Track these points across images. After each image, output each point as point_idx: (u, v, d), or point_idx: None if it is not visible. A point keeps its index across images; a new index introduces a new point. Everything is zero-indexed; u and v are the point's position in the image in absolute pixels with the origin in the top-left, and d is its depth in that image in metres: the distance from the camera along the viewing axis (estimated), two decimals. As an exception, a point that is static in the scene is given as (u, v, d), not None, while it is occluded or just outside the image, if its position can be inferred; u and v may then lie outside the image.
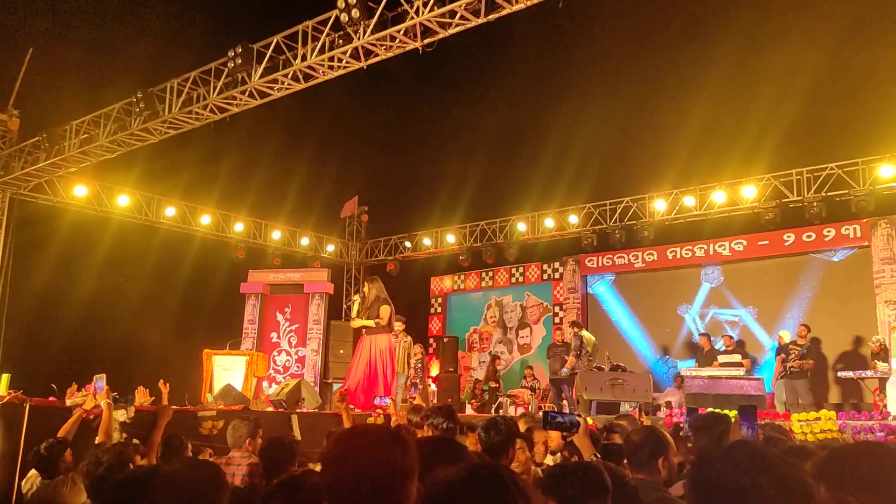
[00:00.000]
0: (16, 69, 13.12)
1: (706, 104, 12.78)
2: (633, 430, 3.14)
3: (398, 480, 1.56)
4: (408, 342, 11.68)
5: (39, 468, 4.08)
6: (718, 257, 14.46)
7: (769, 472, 1.63)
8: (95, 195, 14.30)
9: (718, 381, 8.30)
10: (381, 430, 1.73)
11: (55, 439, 4.21)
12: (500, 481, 1.47)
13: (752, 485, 1.59)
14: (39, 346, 13.28)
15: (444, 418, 4.17)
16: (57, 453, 4.09)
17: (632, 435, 3.06)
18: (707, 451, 1.74)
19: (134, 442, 5.02)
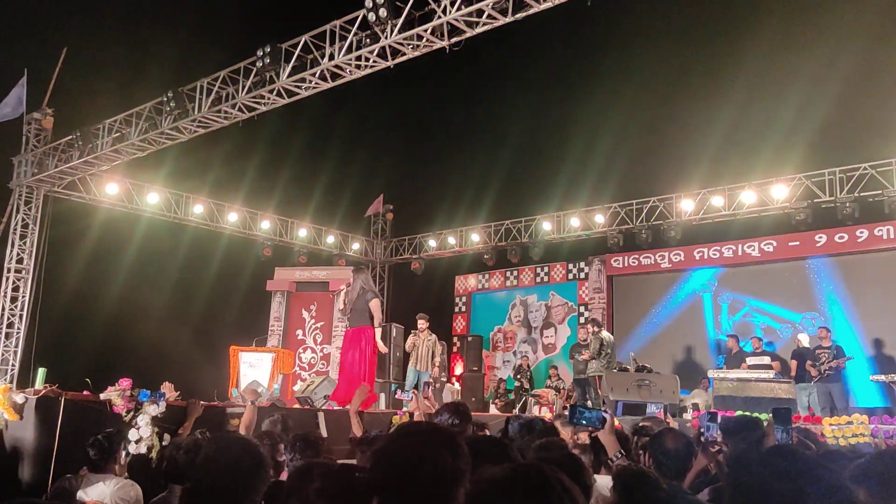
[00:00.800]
0: (50, 69, 13.39)
1: (736, 103, 12.65)
2: (667, 436, 3.11)
3: (446, 484, 1.54)
4: (432, 340, 11.56)
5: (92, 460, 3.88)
6: (747, 258, 14.28)
7: (809, 476, 1.61)
8: (126, 193, 14.52)
9: (748, 384, 8.20)
10: (435, 431, 1.72)
11: (111, 431, 4.09)
12: (545, 481, 1.47)
13: (793, 489, 1.58)
14: (71, 341, 13.52)
15: (451, 415, 4.16)
16: (116, 444, 3.99)
17: (666, 441, 3.04)
18: (745, 456, 1.72)
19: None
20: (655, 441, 3.10)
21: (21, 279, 13.57)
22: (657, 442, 3.07)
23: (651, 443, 3.12)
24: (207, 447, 2.00)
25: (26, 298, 13.50)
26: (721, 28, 13.41)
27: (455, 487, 1.54)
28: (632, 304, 15.91)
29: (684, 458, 2.95)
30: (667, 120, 14.47)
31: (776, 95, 13.16)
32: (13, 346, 13.34)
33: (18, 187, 13.69)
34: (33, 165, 13.56)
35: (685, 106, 13.80)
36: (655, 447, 3.05)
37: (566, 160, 15.18)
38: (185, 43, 13.13)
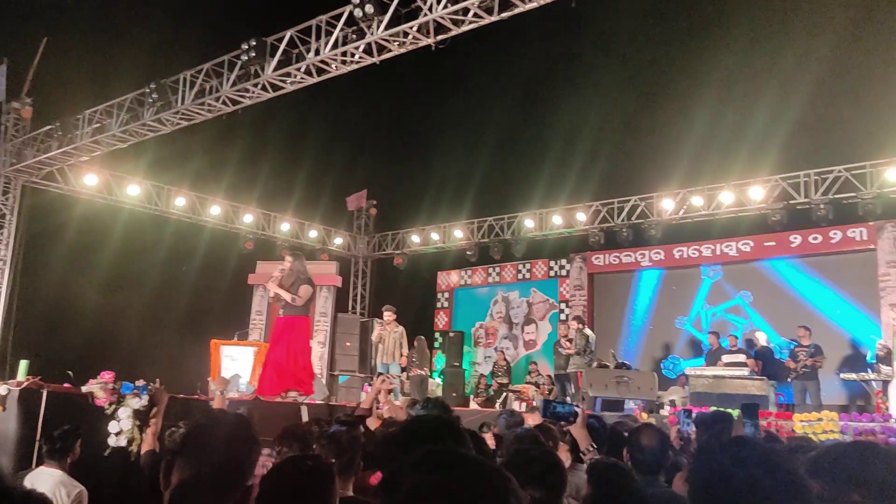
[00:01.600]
0: (30, 58, 13.24)
1: (712, 103, 12.81)
2: (644, 433, 3.20)
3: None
4: (399, 332, 11.35)
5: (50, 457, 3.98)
6: (725, 257, 14.50)
7: (765, 465, 1.70)
8: (106, 184, 14.40)
9: (722, 381, 8.36)
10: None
11: (68, 427, 4.19)
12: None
13: (749, 476, 1.66)
14: (51, 333, 13.41)
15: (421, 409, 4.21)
16: (71, 442, 4.12)
17: (642, 438, 3.13)
18: (707, 446, 1.81)
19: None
20: (632, 438, 3.19)
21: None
22: (633, 439, 3.16)
23: (628, 439, 3.21)
24: (199, 419, 2.01)
25: (4, 290, 13.37)
26: (698, 27, 13.56)
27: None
28: (612, 301, 16.08)
29: (659, 454, 3.04)
30: (647, 119, 14.63)
31: (751, 96, 13.36)
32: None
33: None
34: (11, 155, 13.42)
35: (665, 105, 13.96)
36: (632, 444, 3.13)
37: (548, 158, 15.29)
38: (168, 34, 13.05)
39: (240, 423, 1.87)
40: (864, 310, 12.83)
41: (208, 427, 1.81)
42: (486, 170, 15.87)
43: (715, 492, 1.70)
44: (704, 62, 12.98)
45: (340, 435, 3.05)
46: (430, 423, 2.05)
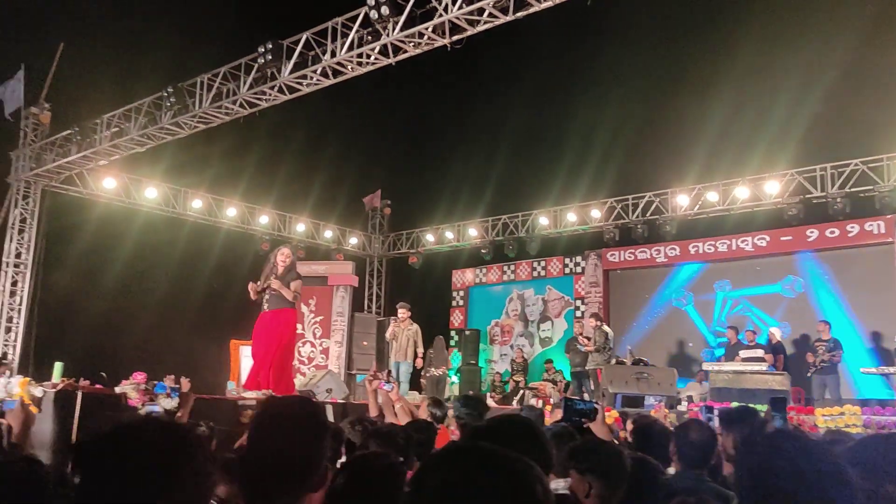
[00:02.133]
0: (47, 63, 13.40)
1: (729, 98, 12.79)
2: (693, 427, 3.25)
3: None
4: (413, 330, 11.22)
5: None
6: (741, 252, 14.47)
7: (808, 456, 1.75)
8: (124, 187, 14.55)
9: (743, 376, 8.37)
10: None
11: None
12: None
13: (794, 468, 1.71)
14: (70, 334, 13.56)
15: (470, 409, 4.25)
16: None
17: (691, 432, 3.17)
18: (751, 439, 1.85)
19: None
20: (680, 432, 3.23)
21: (20, 273, 13.62)
22: (682, 433, 3.20)
23: (676, 433, 3.25)
24: (265, 405, 2.00)
25: (25, 293, 13.55)
26: (714, 23, 13.53)
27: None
28: (628, 298, 16.08)
29: (708, 448, 3.09)
30: (662, 115, 14.61)
31: (769, 91, 13.31)
32: (12, 339, 13.40)
33: (16, 182, 13.72)
34: (31, 160, 13.59)
35: (680, 101, 13.93)
36: (680, 438, 3.17)
37: (563, 156, 15.31)
38: (185, 38, 13.17)
39: (309, 408, 1.88)
40: (882, 303, 12.77)
41: (279, 412, 1.80)
42: (501, 168, 15.92)
43: (760, 483, 1.74)
44: (722, 58, 12.98)
45: (396, 433, 3.10)
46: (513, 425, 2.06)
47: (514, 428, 2.00)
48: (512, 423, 2.05)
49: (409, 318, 11.26)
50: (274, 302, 8.01)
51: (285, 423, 1.74)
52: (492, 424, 2.10)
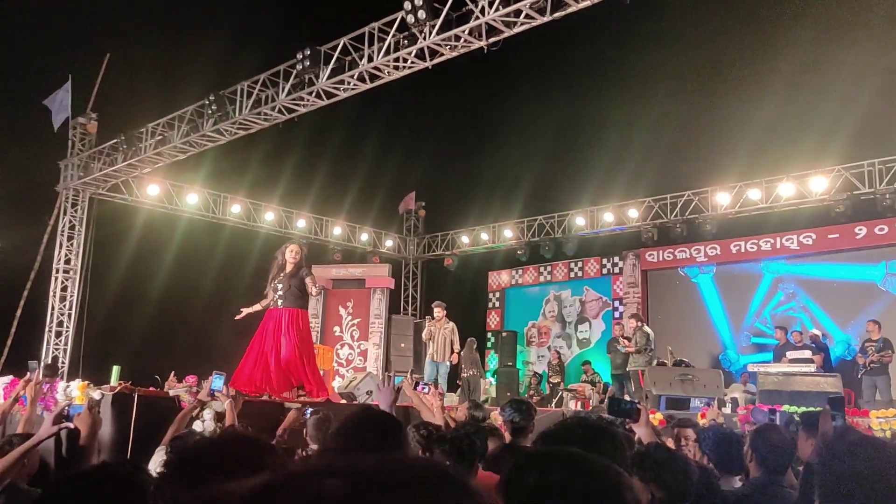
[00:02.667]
0: (94, 74, 13.75)
1: (776, 95, 12.58)
2: (773, 432, 3.22)
3: None
4: (449, 328, 11.00)
5: None
6: (785, 251, 14.23)
7: (890, 461, 1.73)
8: (167, 194, 14.85)
9: (793, 378, 8.22)
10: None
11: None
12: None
13: (877, 474, 1.70)
14: (118, 339, 13.87)
15: (522, 413, 4.24)
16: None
17: (772, 437, 3.14)
18: (834, 446, 1.84)
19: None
20: (760, 436, 3.20)
21: (69, 279, 13.97)
22: (762, 437, 3.17)
23: (755, 437, 3.22)
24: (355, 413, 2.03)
25: (74, 298, 13.89)
26: (762, 20, 13.32)
27: None
28: (667, 298, 15.92)
29: (789, 454, 3.06)
30: (703, 113, 14.43)
31: (818, 87, 13.02)
32: (63, 344, 13.74)
33: (65, 190, 14.08)
34: (79, 169, 13.93)
35: (722, 99, 13.76)
36: (760, 442, 3.14)
37: (599, 155, 15.22)
38: (225, 47, 13.39)
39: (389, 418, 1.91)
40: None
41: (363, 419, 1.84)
42: (536, 168, 15.88)
43: (846, 492, 1.73)
44: (768, 55, 12.79)
45: (461, 440, 3.11)
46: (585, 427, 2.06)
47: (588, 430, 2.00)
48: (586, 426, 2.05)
49: (445, 316, 11.09)
50: (290, 300, 7.59)
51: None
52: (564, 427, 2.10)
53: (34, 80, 13.86)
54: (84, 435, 3.00)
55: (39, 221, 13.97)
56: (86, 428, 3.01)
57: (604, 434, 1.95)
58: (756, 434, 3.29)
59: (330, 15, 12.87)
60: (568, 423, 2.18)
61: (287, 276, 7.66)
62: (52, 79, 13.51)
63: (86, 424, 3.01)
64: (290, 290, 7.59)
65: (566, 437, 1.95)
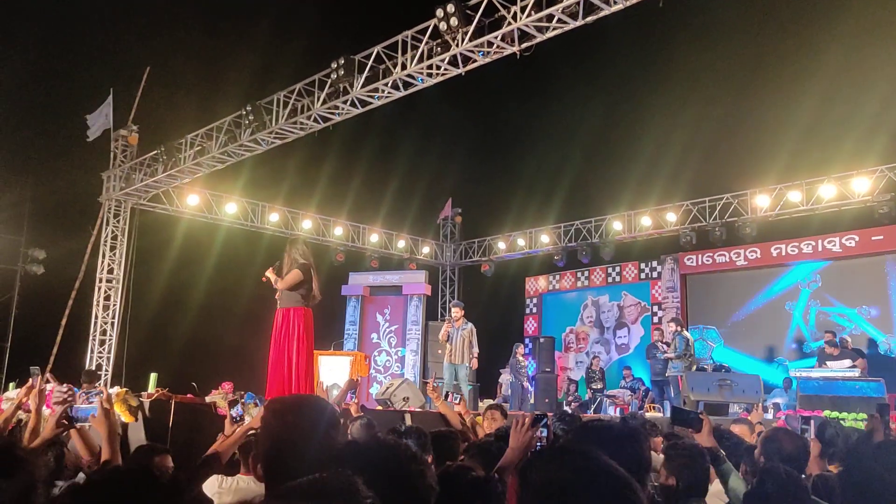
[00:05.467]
0: (134, 87, 14.09)
1: (817, 95, 12.30)
2: (783, 438, 3.15)
3: None
4: (468, 330, 10.57)
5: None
6: (827, 254, 13.89)
7: None
8: (206, 203, 15.11)
9: (835, 383, 8.01)
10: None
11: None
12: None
13: None
14: (160, 346, 14.16)
15: (565, 424, 4.20)
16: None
17: (783, 443, 3.07)
18: (859, 450, 1.79)
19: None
20: (770, 442, 3.12)
21: (112, 288, 14.30)
22: (772, 443, 3.10)
23: (765, 444, 3.15)
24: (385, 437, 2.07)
25: (117, 306, 14.21)
26: (802, 20, 13.05)
27: None
28: (707, 302, 15.66)
29: (801, 459, 2.97)
30: (742, 115, 14.20)
31: (860, 86, 12.71)
32: (106, 352, 14.06)
33: (108, 201, 14.42)
34: (121, 180, 14.27)
35: (762, 100, 13.53)
36: (771, 448, 3.07)
37: (637, 159, 15.09)
38: (261, 58, 13.63)
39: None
40: None
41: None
42: (572, 174, 15.80)
43: (867, 493, 1.69)
44: (810, 54, 12.52)
45: (490, 446, 3.09)
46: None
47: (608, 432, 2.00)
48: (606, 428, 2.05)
49: (462, 317, 10.69)
50: (283, 299, 7.32)
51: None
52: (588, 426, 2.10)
53: (77, 95, 14.28)
54: (103, 437, 2.97)
55: (84, 232, 14.32)
56: (104, 429, 2.96)
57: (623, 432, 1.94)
58: (764, 440, 3.21)
59: (363, 24, 13.02)
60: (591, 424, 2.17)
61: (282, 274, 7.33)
62: (95, 93, 13.89)
63: (103, 426, 2.97)
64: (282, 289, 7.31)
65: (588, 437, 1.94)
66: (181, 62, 14.41)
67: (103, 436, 2.94)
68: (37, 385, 3.90)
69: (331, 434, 1.88)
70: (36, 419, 3.55)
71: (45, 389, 4.68)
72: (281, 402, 2.09)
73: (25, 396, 4.29)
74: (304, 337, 7.29)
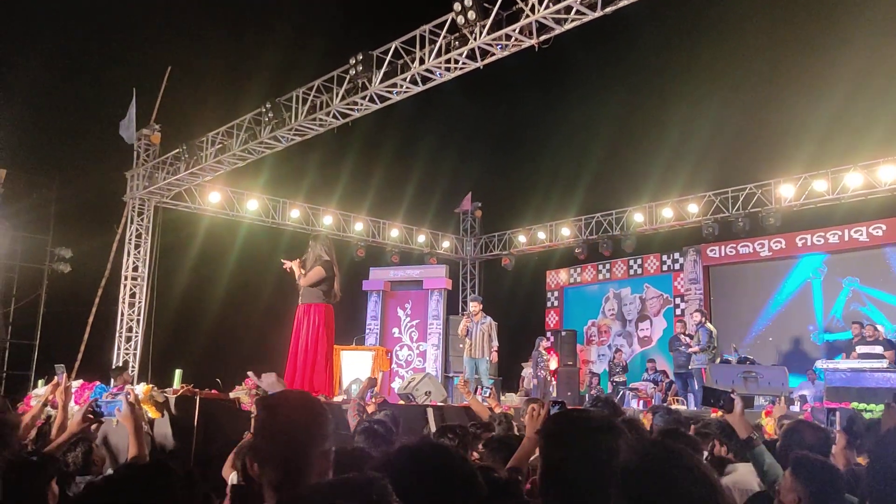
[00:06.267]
0: (156, 86, 14.22)
1: (845, 82, 12.08)
2: (805, 430, 3.12)
3: None
4: (486, 324, 10.65)
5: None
6: (854, 243, 13.69)
7: None
8: (227, 201, 15.23)
9: (862, 374, 7.89)
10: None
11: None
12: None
13: None
14: (185, 342, 14.30)
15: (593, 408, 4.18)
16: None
17: (805, 435, 3.04)
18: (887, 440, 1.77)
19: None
20: (792, 434, 3.09)
21: (137, 286, 14.47)
22: (794, 435, 3.07)
23: (787, 436, 3.12)
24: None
25: (142, 304, 14.38)
26: (828, 7, 12.82)
27: None
28: (731, 294, 15.52)
29: (824, 452, 2.93)
30: (766, 104, 14.01)
31: (886, 74, 12.48)
32: (132, 349, 14.24)
33: (132, 200, 14.58)
34: (144, 179, 14.41)
35: (787, 89, 13.34)
36: (792, 440, 3.04)
37: (658, 150, 14.96)
38: (281, 55, 13.68)
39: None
40: None
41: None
42: (592, 166, 15.71)
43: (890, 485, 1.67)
44: (838, 41, 12.29)
45: (510, 439, 3.09)
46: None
47: None
48: None
49: (481, 311, 10.79)
50: (306, 295, 7.45)
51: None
52: None
53: (101, 96, 14.44)
54: (129, 432, 3.01)
55: (109, 230, 14.50)
56: (130, 425, 2.98)
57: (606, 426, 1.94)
58: (788, 433, 3.17)
59: (381, 19, 13.02)
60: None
61: (306, 269, 7.49)
62: (119, 93, 14.04)
63: (129, 421, 2.99)
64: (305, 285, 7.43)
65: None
66: (202, 61, 14.52)
67: (130, 431, 2.98)
68: (63, 382, 3.97)
69: (329, 429, 1.87)
70: (63, 415, 3.61)
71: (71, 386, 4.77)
72: (272, 398, 2.08)
73: (52, 393, 4.37)
74: (325, 333, 7.43)
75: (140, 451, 2.96)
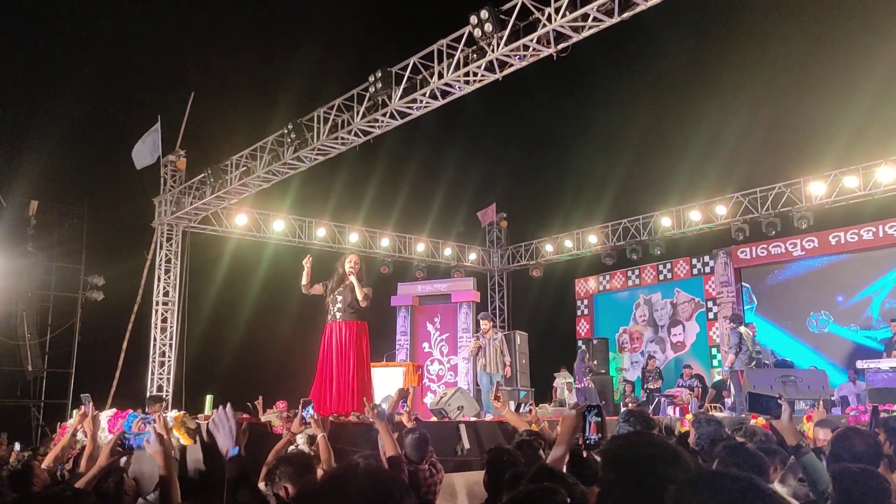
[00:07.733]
0: (180, 112, 14.43)
1: (870, 78, 11.85)
2: (854, 437, 3.01)
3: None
4: (498, 339, 10.91)
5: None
6: (889, 239, 13.37)
7: None
8: (254, 222, 15.35)
9: (905, 375, 7.68)
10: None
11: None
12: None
13: None
14: (216, 366, 14.41)
15: (624, 423, 4.09)
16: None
17: (855, 443, 2.94)
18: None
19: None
20: (841, 442, 2.98)
21: (168, 310, 14.61)
22: (843, 443, 2.96)
23: (836, 444, 3.01)
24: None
25: (174, 328, 14.51)
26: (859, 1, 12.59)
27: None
28: (767, 296, 15.24)
29: (873, 461, 2.81)
30: (795, 102, 13.78)
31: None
32: (166, 373, 14.36)
33: (160, 226, 14.76)
34: (172, 204, 14.59)
35: (815, 85, 13.10)
36: (842, 448, 2.93)
37: (684, 153, 14.82)
38: (301, 77, 13.82)
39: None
40: None
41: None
42: (618, 172, 15.60)
43: None
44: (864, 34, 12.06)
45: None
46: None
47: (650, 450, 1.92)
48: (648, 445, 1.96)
49: (492, 328, 11.13)
50: (348, 313, 7.44)
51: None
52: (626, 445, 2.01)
53: (128, 124, 14.69)
54: (160, 464, 2.95)
55: (139, 257, 14.70)
56: (160, 457, 2.92)
57: (666, 453, 1.83)
58: (834, 440, 3.06)
59: (399, 36, 13.07)
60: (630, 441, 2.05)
61: (347, 288, 7.51)
62: (144, 120, 14.26)
63: (159, 454, 2.92)
64: (349, 302, 7.45)
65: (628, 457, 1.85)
66: (223, 86, 14.72)
67: (160, 462, 2.94)
68: (90, 412, 3.95)
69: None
70: (92, 445, 3.57)
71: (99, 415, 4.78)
72: (311, 489, 1.58)
73: (80, 423, 4.36)
74: (364, 350, 7.51)
75: (171, 480, 2.92)
